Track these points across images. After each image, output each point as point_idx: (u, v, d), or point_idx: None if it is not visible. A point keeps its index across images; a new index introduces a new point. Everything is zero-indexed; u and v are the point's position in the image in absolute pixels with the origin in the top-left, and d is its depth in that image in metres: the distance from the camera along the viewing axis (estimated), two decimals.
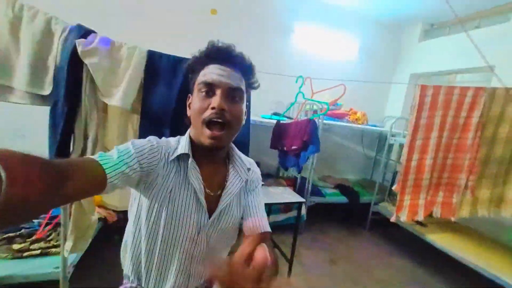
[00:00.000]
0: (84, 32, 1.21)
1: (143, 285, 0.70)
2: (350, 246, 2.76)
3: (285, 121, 1.73)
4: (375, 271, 2.35)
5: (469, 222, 2.87)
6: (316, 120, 1.61)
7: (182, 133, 0.72)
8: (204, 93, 0.60)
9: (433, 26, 3.72)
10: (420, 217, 1.58)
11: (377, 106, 3.98)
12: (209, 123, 0.59)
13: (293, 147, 1.45)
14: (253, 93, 1.73)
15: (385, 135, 3.29)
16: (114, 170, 0.51)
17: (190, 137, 0.68)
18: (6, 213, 0.27)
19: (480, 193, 1.61)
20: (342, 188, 3.29)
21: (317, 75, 2.82)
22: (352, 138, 3.82)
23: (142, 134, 1.27)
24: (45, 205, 0.34)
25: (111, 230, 1.94)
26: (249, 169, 0.75)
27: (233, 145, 0.75)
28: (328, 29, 3.44)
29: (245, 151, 1.45)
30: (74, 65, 1.16)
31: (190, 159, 0.64)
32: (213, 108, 0.58)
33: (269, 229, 0.71)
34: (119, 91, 1.20)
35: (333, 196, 3.14)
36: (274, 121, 2.16)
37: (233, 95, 0.61)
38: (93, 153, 1.18)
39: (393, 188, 1.54)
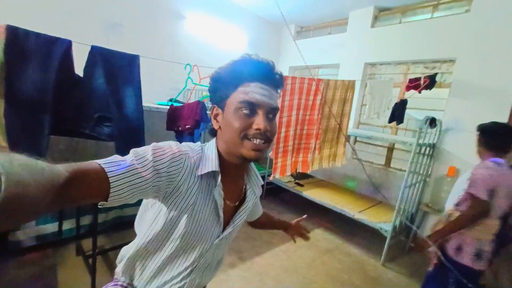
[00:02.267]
0: None
1: (134, 285, 0.69)
2: None
3: (178, 105, 1.89)
4: None
5: (330, 179, 3.97)
6: (205, 101, 1.85)
7: (66, 121, 0.66)
8: (245, 112, 0.57)
9: (302, 29, 4.63)
10: (288, 172, 2.15)
11: None
12: (251, 138, 0.58)
13: (187, 126, 1.64)
14: (149, 80, 1.76)
15: None
16: (121, 179, 0.46)
17: (218, 151, 0.63)
18: (2, 214, 0.28)
19: (323, 152, 2.36)
20: None
21: (209, 63, 3.04)
22: None
23: (10, 121, 1.13)
24: (42, 209, 0.34)
25: None
26: (262, 185, 0.77)
27: None
28: (220, 21, 3.70)
29: (140, 136, 1.52)
30: None
31: (219, 178, 0.61)
32: (258, 129, 0.57)
33: (261, 213, 0.95)
34: None
35: None
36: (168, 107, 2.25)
37: (272, 113, 0.61)
38: None
39: (269, 154, 2.04)
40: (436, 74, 2.83)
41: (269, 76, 0.59)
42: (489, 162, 1.41)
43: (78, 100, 1.28)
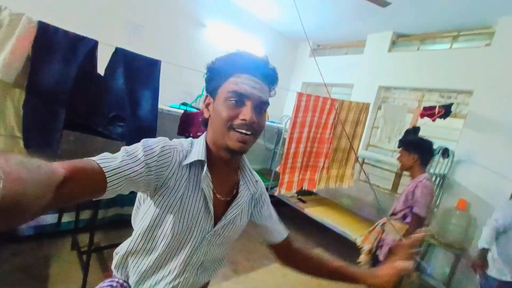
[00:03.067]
0: None
1: (130, 283, 0.67)
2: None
3: (193, 111, 1.90)
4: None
5: (333, 197, 3.90)
6: None
7: (81, 117, 0.68)
8: (233, 102, 0.58)
9: (319, 46, 4.68)
10: (294, 189, 2.12)
11: (278, 106, 4.66)
12: (237, 129, 0.59)
13: (199, 134, 1.64)
14: (163, 82, 1.81)
15: (281, 130, 3.93)
16: (116, 174, 0.48)
17: (206, 142, 0.65)
18: (2, 212, 0.28)
19: (331, 172, 2.32)
20: None
21: None
22: None
23: (28, 112, 1.15)
24: (41, 207, 0.34)
25: None
26: (257, 181, 0.75)
27: (245, 156, 0.74)
28: (239, 32, 3.77)
29: (152, 136, 1.52)
30: None
31: (205, 167, 0.61)
32: (244, 119, 0.57)
33: (286, 234, 0.80)
34: None
35: None
36: (182, 111, 2.27)
37: (261, 107, 0.61)
38: None
39: (277, 169, 2.01)
40: (451, 104, 2.80)
41: (262, 70, 0.61)
42: (424, 179, 1.59)
43: (95, 97, 1.30)
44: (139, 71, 1.37)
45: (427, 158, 1.67)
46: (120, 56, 1.32)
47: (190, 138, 0.68)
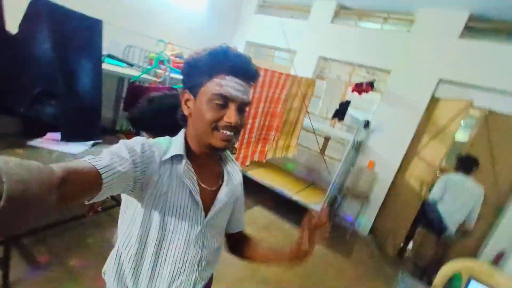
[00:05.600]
0: None
1: None
2: None
3: (142, 85, 1.60)
4: None
5: (273, 161, 4.26)
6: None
7: None
8: (218, 104, 0.59)
9: (265, 3, 4.42)
10: (248, 162, 2.23)
11: None
12: (221, 130, 0.61)
13: None
14: None
15: None
16: (109, 170, 0.48)
17: (185, 138, 0.66)
18: (8, 216, 0.28)
19: (279, 143, 2.52)
20: None
21: (163, 19, 2.68)
22: None
23: None
24: (45, 208, 0.34)
25: None
26: (240, 170, 0.77)
27: None
28: None
29: (95, 121, 1.25)
30: None
31: (184, 160, 0.62)
32: (228, 122, 0.59)
33: (242, 227, 0.85)
34: None
35: None
36: (110, 66, 1.88)
37: (244, 108, 0.63)
38: None
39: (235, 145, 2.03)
40: (374, 80, 3.27)
41: (246, 71, 0.61)
42: None
43: (8, 65, 0.94)
44: (73, 34, 1.02)
45: None
46: (43, 10, 0.94)
47: (168, 137, 0.67)
